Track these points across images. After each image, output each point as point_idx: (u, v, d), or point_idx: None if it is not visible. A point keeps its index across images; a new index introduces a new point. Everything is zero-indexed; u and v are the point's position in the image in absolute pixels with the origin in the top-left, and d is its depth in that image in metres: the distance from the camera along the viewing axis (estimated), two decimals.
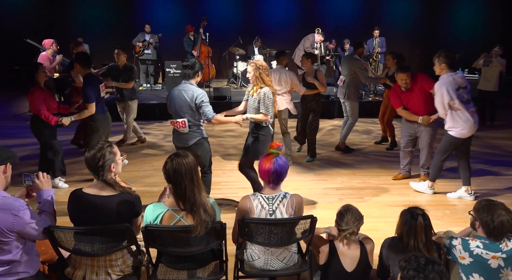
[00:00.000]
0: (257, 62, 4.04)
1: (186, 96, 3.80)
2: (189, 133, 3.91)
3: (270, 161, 2.62)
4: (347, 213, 2.57)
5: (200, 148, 3.98)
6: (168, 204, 2.49)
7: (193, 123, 3.88)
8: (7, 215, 2.19)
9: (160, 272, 2.58)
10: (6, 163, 2.34)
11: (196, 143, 3.95)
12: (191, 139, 3.93)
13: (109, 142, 2.57)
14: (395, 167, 5.73)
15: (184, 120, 3.83)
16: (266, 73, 4.02)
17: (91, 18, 12.05)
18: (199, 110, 3.83)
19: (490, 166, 5.83)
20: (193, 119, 3.87)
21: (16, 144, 6.57)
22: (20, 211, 2.22)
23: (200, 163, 4.02)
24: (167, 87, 10.23)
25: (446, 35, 12.78)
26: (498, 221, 2.26)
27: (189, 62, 3.92)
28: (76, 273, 2.44)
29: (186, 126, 3.85)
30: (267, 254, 2.64)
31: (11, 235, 2.21)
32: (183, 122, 3.84)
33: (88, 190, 2.44)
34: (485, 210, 2.33)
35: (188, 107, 3.82)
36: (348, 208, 2.63)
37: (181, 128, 3.87)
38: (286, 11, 12.75)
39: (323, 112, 8.85)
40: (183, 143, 3.95)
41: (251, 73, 4.02)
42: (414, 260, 1.82)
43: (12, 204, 2.23)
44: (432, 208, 4.44)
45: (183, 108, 3.83)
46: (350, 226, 2.53)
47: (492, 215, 2.28)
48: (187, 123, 3.84)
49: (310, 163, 5.94)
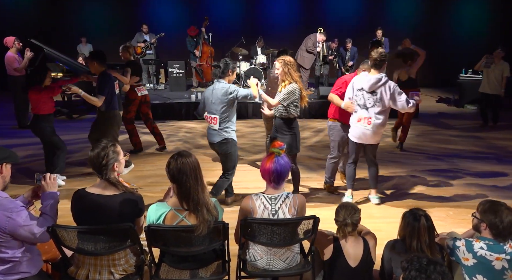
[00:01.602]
0: (285, 58, 4.12)
1: (218, 93, 4.01)
2: (218, 131, 4.07)
3: (271, 161, 2.62)
4: (342, 208, 2.62)
5: (224, 148, 4.13)
6: (171, 204, 2.50)
7: (223, 121, 4.05)
8: (0, 216, 2.18)
9: (163, 271, 2.59)
10: (3, 163, 2.33)
11: (222, 141, 4.10)
12: (218, 136, 4.10)
13: (113, 141, 2.58)
14: (398, 168, 5.73)
15: (216, 116, 4.04)
16: (294, 68, 4.12)
17: (94, 18, 12.08)
18: (238, 98, 3.99)
19: (494, 166, 5.81)
20: (224, 118, 4.04)
21: (19, 143, 6.61)
22: (13, 213, 2.21)
23: (223, 162, 4.27)
24: (170, 87, 10.26)
25: (449, 36, 12.75)
26: (507, 221, 2.26)
27: (220, 63, 4.12)
28: (79, 272, 2.45)
29: (217, 123, 4.05)
30: (269, 254, 2.64)
31: (3, 235, 2.20)
32: (215, 119, 4.05)
33: (91, 190, 2.45)
34: (491, 211, 2.32)
35: (220, 104, 4.00)
36: (343, 204, 2.69)
37: (212, 123, 4.09)
38: (289, 11, 12.75)
39: (325, 112, 8.90)
40: (211, 139, 4.17)
41: (280, 69, 4.11)
42: (416, 261, 1.82)
43: (6, 205, 2.22)
44: (435, 209, 4.44)
45: (215, 106, 4.03)
46: (344, 217, 2.55)
47: (500, 216, 2.28)
48: (218, 121, 4.03)
49: (312, 163, 5.94)
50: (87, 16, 12.09)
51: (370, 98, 4.10)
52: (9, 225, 2.19)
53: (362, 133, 4.23)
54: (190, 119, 8.63)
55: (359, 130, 4.23)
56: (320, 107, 8.62)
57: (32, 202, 2.56)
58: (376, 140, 4.31)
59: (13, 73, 7.42)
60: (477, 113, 8.75)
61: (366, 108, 4.15)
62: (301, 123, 6.48)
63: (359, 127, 4.22)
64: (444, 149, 6.71)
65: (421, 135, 7.28)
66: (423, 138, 7.24)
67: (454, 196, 4.83)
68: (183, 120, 8.59)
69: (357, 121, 4.22)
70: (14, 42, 7.34)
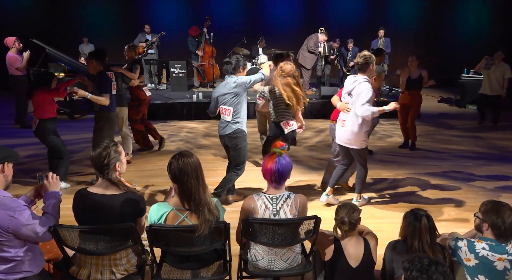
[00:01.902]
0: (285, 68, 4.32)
1: (228, 86, 4.11)
2: (229, 123, 4.14)
3: (272, 161, 2.62)
4: (341, 207, 2.63)
5: (234, 142, 4.17)
6: (173, 204, 2.50)
7: (235, 114, 4.10)
8: (3, 215, 2.19)
9: (164, 271, 2.59)
10: (4, 163, 2.33)
11: (232, 135, 4.15)
12: (229, 128, 4.15)
13: (114, 141, 2.58)
14: (399, 168, 5.73)
15: (230, 108, 4.11)
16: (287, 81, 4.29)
17: (96, 18, 12.10)
18: (246, 86, 4.09)
19: (495, 166, 5.80)
20: (236, 111, 4.10)
21: (21, 143, 6.62)
22: (16, 212, 2.21)
23: (231, 157, 4.31)
24: (172, 87, 10.26)
25: (451, 36, 12.73)
26: (509, 222, 2.25)
27: (231, 59, 4.21)
28: (81, 272, 2.45)
29: (230, 115, 4.11)
30: (271, 255, 2.64)
31: (6, 234, 2.21)
32: (228, 110, 4.13)
33: (93, 189, 2.45)
34: (494, 212, 2.31)
35: (231, 97, 4.08)
36: (344, 203, 2.69)
37: (225, 115, 4.16)
38: (290, 11, 12.75)
39: (327, 112, 8.90)
40: (222, 131, 4.22)
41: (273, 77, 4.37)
42: (417, 261, 1.82)
43: (8, 204, 2.23)
44: (437, 209, 4.43)
45: (226, 98, 4.11)
46: (342, 216, 2.56)
47: (502, 216, 2.27)
48: (232, 112, 4.10)
49: (315, 163, 5.94)
50: (89, 16, 12.11)
51: (350, 100, 4.14)
52: (12, 224, 2.20)
53: (341, 135, 4.24)
54: (191, 119, 8.63)
55: (339, 131, 4.27)
56: (321, 107, 8.62)
57: (34, 201, 2.57)
58: (358, 145, 4.17)
59: (15, 72, 7.55)
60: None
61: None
62: None
63: (339, 128, 4.26)
64: (445, 149, 6.70)
65: (422, 135, 7.27)
66: (425, 138, 7.23)
67: (456, 196, 4.82)
68: (185, 120, 8.60)
69: (340, 122, 4.26)
70: (14, 43, 7.44)
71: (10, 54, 7.48)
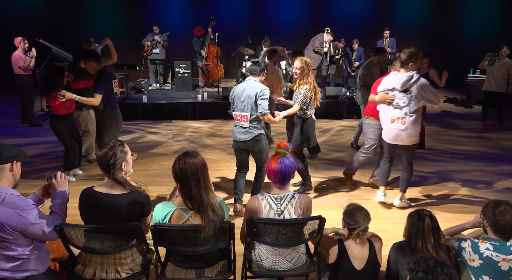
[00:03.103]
0: (307, 60, 4.34)
1: (252, 92, 3.95)
2: (248, 128, 4.04)
3: (276, 161, 2.63)
4: (356, 211, 2.54)
5: (258, 145, 4.11)
6: (177, 203, 2.51)
7: (254, 119, 4.03)
8: (11, 213, 2.21)
9: (169, 271, 2.60)
10: (13, 161, 2.34)
11: (254, 139, 4.07)
12: (249, 134, 4.06)
13: (121, 141, 2.59)
14: None
15: (246, 114, 3.99)
16: (311, 70, 4.33)
17: (101, 18, 12.14)
18: (257, 102, 3.95)
19: (501, 167, 5.76)
20: (255, 115, 4.02)
21: (29, 142, 6.67)
22: (24, 211, 2.23)
23: (256, 159, 4.25)
24: (176, 87, 10.29)
25: (457, 36, 12.65)
26: (501, 216, 2.26)
27: (257, 59, 4.14)
28: (86, 271, 2.47)
29: (248, 121, 4.01)
30: (275, 255, 2.65)
31: (14, 233, 2.23)
32: (245, 116, 4.00)
33: (99, 189, 2.47)
34: (490, 208, 2.34)
35: (252, 103, 3.97)
36: (356, 206, 2.60)
37: (242, 121, 4.04)
38: (295, 11, 12.72)
39: (331, 112, 8.90)
40: (239, 136, 4.10)
41: (300, 70, 4.29)
42: (423, 262, 1.82)
43: (17, 203, 2.24)
44: (442, 209, 4.41)
45: (248, 104, 3.98)
46: (362, 223, 2.50)
47: (494, 209, 2.29)
48: (249, 118, 3.99)
49: (319, 163, 5.93)
50: (95, 16, 12.16)
51: (404, 97, 4.04)
52: (20, 222, 2.22)
53: (396, 135, 4.15)
54: (196, 119, 8.66)
55: (393, 132, 4.16)
56: (326, 107, 8.59)
57: (43, 200, 2.59)
58: (412, 141, 4.17)
59: (19, 71, 7.66)
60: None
61: (399, 107, 4.08)
62: None
63: (393, 128, 4.14)
64: (451, 149, 6.66)
65: (428, 135, 7.22)
66: (431, 138, 7.19)
67: (461, 197, 4.80)
68: (189, 120, 8.62)
69: (391, 122, 4.14)
70: (20, 42, 7.54)
71: (16, 53, 7.62)
